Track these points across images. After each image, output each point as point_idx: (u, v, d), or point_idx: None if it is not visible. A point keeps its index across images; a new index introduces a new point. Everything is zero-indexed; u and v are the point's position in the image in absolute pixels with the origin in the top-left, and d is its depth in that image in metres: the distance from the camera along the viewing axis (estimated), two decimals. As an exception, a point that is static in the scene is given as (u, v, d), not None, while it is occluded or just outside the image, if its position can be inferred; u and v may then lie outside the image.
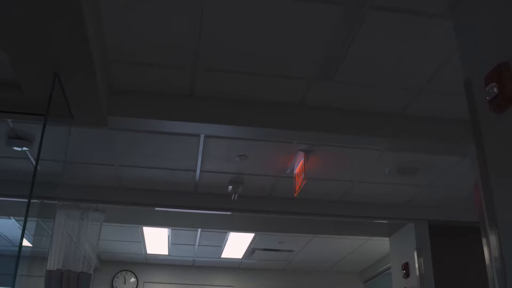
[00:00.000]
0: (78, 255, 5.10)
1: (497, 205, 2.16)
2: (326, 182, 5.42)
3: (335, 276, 9.06)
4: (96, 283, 8.35)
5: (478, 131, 2.29)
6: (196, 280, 8.80)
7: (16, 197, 5.22)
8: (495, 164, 2.18)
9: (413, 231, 6.03)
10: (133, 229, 6.94)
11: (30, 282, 5.07)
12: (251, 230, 6.84)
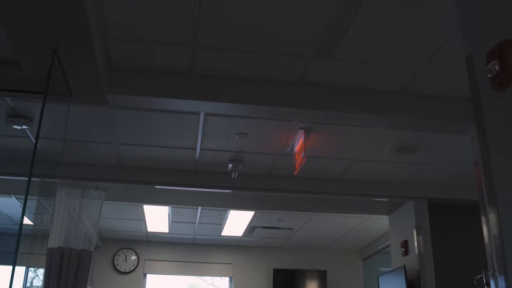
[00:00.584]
0: (79, 233, 5.12)
1: (497, 183, 2.16)
2: (326, 160, 5.43)
3: (335, 253, 9.12)
4: (98, 261, 8.42)
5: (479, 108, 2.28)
6: (196, 258, 8.86)
7: (17, 176, 5.23)
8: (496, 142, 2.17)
9: (412, 209, 6.06)
10: (134, 207, 6.97)
11: (32, 260, 5.11)
12: (251, 208, 6.87)
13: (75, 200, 5.25)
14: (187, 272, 8.92)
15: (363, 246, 8.94)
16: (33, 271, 5.14)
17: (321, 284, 8.77)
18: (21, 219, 3.04)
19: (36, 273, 5.12)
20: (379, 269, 8.25)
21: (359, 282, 9.03)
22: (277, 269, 8.76)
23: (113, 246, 8.66)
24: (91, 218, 5.32)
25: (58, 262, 4.88)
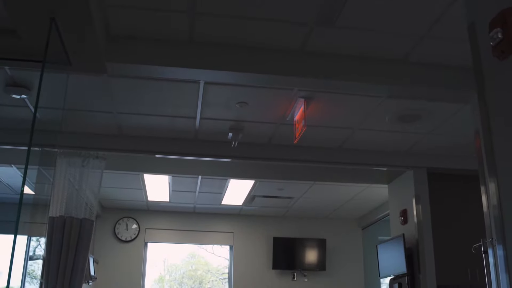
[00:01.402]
0: (80, 202, 5.14)
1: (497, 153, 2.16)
2: (326, 129, 5.42)
3: (334, 222, 9.18)
4: (99, 230, 8.48)
5: (480, 77, 2.26)
6: (197, 227, 8.93)
7: (17, 145, 5.23)
8: (497, 111, 2.16)
9: (412, 178, 6.08)
10: (134, 176, 6.99)
11: (33, 229, 5.14)
12: (251, 177, 6.89)
13: (76, 169, 5.26)
14: (188, 240, 9.00)
15: (362, 215, 9.00)
16: (35, 240, 5.18)
17: (320, 252, 8.86)
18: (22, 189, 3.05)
19: (39, 242, 5.16)
20: (378, 238, 8.32)
21: (358, 250, 9.12)
22: (277, 237, 8.83)
23: (114, 215, 8.72)
24: (92, 187, 5.33)
25: (59, 231, 4.91)
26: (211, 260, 9.40)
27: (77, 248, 4.91)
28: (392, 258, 6.14)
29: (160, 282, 9.25)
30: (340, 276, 8.95)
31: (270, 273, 8.81)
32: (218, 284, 9.34)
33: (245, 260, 8.88)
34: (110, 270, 8.44)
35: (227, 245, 9.10)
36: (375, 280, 8.43)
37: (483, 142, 2.31)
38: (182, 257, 9.46)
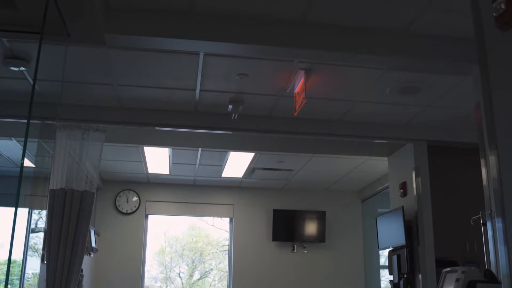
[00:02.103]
0: (81, 174, 5.15)
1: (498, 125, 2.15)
2: (327, 101, 5.40)
3: (334, 195, 9.22)
4: (100, 202, 8.53)
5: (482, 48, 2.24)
6: (197, 199, 8.97)
7: (16, 118, 5.22)
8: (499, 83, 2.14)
9: (411, 151, 6.08)
10: (134, 149, 6.99)
11: (34, 202, 5.16)
12: (251, 150, 6.89)
13: (76, 142, 5.25)
14: (188, 213, 9.05)
15: (362, 188, 9.03)
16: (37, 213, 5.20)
17: (320, 224, 8.91)
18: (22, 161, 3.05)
19: (40, 215, 5.18)
20: (377, 210, 8.36)
21: (357, 222, 9.18)
22: (277, 209, 8.88)
23: (114, 188, 8.75)
24: (92, 160, 5.34)
25: (60, 203, 4.93)
26: (211, 233, 9.47)
27: (78, 220, 4.93)
28: (391, 230, 6.18)
29: (161, 254, 9.33)
30: (339, 248, 9.03)
31: (270, 245, 8.89)
32: (218, 256, 9.43)
33: (245, 232, 8.94)
34: (111, 242, 8.52)
35: (227, 218, 9.15)
36: (374, 252, 8.51)
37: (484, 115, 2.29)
38: (183, 229, 9.53)
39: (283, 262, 8.87)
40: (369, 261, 8.91)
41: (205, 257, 9.49)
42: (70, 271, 4.78)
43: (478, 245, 5.00)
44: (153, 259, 9.15)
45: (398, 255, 5.99)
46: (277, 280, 8.75)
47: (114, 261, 8.46)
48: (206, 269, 9.48)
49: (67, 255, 4.79)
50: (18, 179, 3.08)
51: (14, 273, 4.39)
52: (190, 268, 9.50)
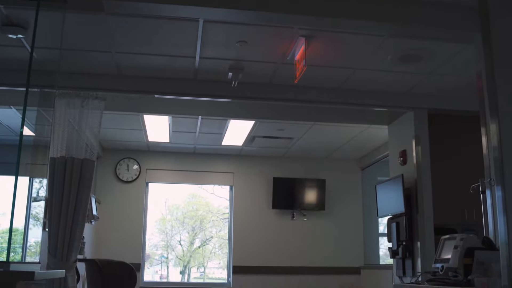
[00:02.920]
0: (80, 142, 5.15)
1: (499, 94, 2.14)
2: (327, 69, 5.37)
3: (334, 163, 9.24)
4: (100, 171, 8.55)
5: (485, 16, 2.21)
6: (197, 167, 8.99)
7: (15, 86, 5.19)
8: (501, 52, 2.13)
9: (412, 119, 6.07)
10: (134, 117, 6.98)
11: (35, 170, 5.18)
12: (251, 118, 6.87)
13: (75, 110, 5.23)
14: (188, 181, 9.09)
15: (362, 156, 9.05)
16: (38, 182, 5.22)
17: (320, 192, 8.96)
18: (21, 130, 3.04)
19: (41, 183, 5.20)
20: (377, 179, 8.39)
21: (357, 190, 9.22)
22: (277, 177, 8.91)
23: (115, 156, 8.77)
24: (92, 128, 5.33)
25: (61, 172, 4.94)
26: (211, 201, 9.52)
27: (79, 188, 4.95)
28: (390, 198, 6.21)
29: (161, 222, 9.41)
30: (339, 215, 9.09)
31: (270, 213, 8.95)
32: (219, 223, 9.50)
33: (245, 200, 8.99)
34: (112, 210, 8.57)
35: (227, 186, 9.19)
36: (373, 219, 8.57)
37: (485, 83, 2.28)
38: (183, 197, 9.57)
39: (283, 230, 8.94)
40: (368, 229, 8.99)
41: (205, 225, 9.57)
42: (72, 239, 4.82)
43: (477, 213, 5.04)
44: (154, 227, 9.22)
45: (397, 222, 6.04)
46: (277, 248, 8.84)
47: (115, 229, 8.53)
48: (206, 236, 9.56)
49: (68, 223, 4.82)
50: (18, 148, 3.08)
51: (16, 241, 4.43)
52: (191, 236, 9.58)
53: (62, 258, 4.73)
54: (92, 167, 5.06)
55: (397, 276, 6.08)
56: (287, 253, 8.84)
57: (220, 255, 9.45)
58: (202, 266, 9.71)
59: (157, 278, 9.25)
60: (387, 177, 6.72)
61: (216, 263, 9.63)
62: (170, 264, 9.48)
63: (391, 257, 6.20)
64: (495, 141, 2.13)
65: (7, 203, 3.43)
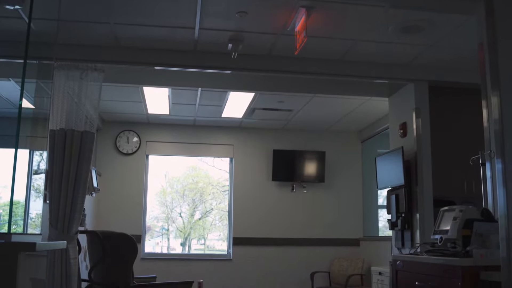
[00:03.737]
0: (80, 114, 5.13)
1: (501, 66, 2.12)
2: (328, 40, 5.33)
3: (334, 135, 9.24)
4: (100, 143, 8.56)
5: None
6: (197, 139, 9.00)
7: (13, 58, 5.16)
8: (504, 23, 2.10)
9: (412, 92, 6.05)
10: (134, 89, 6.96)
11: (35, 143, 5.18)
12: (251, 89, 6.85)
13: (74, 82, 5.20)
14: (188, 153, 9.10)
15: (362, 128, 9.04)
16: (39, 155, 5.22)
17: (319, 165, 8.98)
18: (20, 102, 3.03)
19: (42, 156, 5.20)
20: (376, 151, 8.40)
21: (357, 163, 9.24)
22: (276, 150, 8.92)
23: (114, 128, 8.77)
24: (91, 100, 5.31)
25: (60, 144, 4.94)
26: (212, 173, 9.55)
27: (79, 160, 4.95)
28: (390, 170, 6.23)
29: (162, 195, 9.45)
30: (338, 187, 9.14)
31: (270, 185, 8.99)
32: (219, 196, 9.55)
33: (245, 172, 9.02)
34: (113, 183, 8.61)
35: (227, 158, 9.21)
36: (372, 191, 8.61)
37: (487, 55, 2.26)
38: (183, 170, 9.60)
39: (283, 202, 8.99)
40: (367, 201, 9.03)
41: (205, 197, 9.61)
42: (73, 210, 4.84)
43: (476, 185, 5.06)
44: (154, 199, 9.27)
45: (397, 194, 6.07)
46: (277, 220, 8.90)
47: (116, 201, 8.58)
48: (206, 209, 9.61)
49: (69, 195, 4.84)
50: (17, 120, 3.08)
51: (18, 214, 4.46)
52: (191, 208, 9.64)
53: (63, 229, 4.76)
54: (92, 139, 5.05)
55: (395, 248, 6.13)
56: (287, 225, 8.90)
57: (220, 227, 9.52)
58: (202, 238, 9.79)
59: (158, 250, 9.33)
60: (387, 149, 6.73)
61: (216, 235, 9.70)
62: (170, 236, 9.56)
63: (390, 229, 6.24)
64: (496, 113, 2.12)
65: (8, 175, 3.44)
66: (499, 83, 2.12)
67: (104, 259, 5.71)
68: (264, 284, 8.67)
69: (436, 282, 3.68)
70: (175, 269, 8.46)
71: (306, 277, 8.55)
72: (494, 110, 2.12)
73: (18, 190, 4.29)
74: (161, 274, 7.72)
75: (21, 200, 4.49)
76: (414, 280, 3.96)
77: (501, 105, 2.09)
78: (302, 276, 8.65)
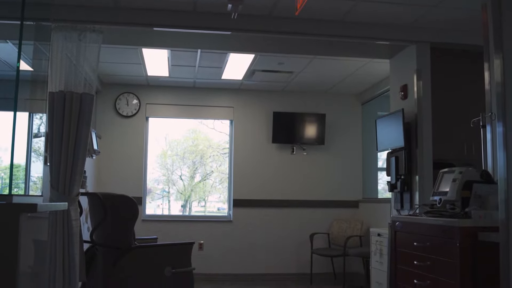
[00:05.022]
0: (79, 77, 5.09)
1: (505, 27, 2.09)
2: (329, 0, 5.25)
3: (334, 97, 9.21)
4: (100, 105, 8.54)
5: None
6: (197, 101, 8.97)
7: (10, 20, 5.09)
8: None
9: (414, 53, 5.99)
10: (133, 51, 6.90)
11: (34, 105, 5.15)
12: (251, 51, 6.79)
13: (72, 44, 5.15)
14: (189, 115, 9.09)
15: (362, 91, 9.00)
16: (39, 118, 5.20)
17: (319, 127, 8.97)
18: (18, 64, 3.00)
19: (42, 120, 5.18)
20: (377, 113, 8.39)
21: (357, 125, 9.24)
22: (277, 112, 8.91)
23: (114, 91, 8.73)
24: (90, 62, 5.26)
25: (60, 106, 4.92)
26: (212, 136, 9.56)
27: (79, 122, 4.94)
28: (390, 133, 6.23)
29: (162, 157, 9.48)
30: (338, 150, 9.16)
31: (269, 147, 9.01)
32: (219, 158, 9.58)
33: (245, 134, 9.03)
34: (113, 145, 8.63)
35: (227, 120, 9.19)
36: (372, 153, 8.63)
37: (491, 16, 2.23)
38: (183, 133, 9.60)
39: (283, 164, 9.02)
40: (367, 163, 9.06)
41: (205, 160, 9.64)
42: (73, 172, 4.85)
43: (476, 148, 5.07)
44: (154, 162, 9.30)
45: (396, 157, 6.08)
46: (276, 182, 8.95)
47: (116, 163, 8.61)
48: (207, 171, 9.66)
49: (69, 157, 4.85)
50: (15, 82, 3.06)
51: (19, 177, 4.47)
52: (191, 171, 9.68)
53: (64, 191, 4.78)
54: (91, 101, 5.03)
55: (394, 210, 6.18)
56: (287, 187, 8.96)
57: (221, 189, 9.58)
58: (202, 200, 9.86)
59: (159, 212, 9.42)
60: (387, 112, 6.71)
61: (217, 197, 9.78)
62: (171, 198, 9.63)
63: (389, 190, 6.28)
64: (498, 76, 2.10)
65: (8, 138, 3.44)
66: (502, 45, 2.09)
67: (105, 221, 5.76)
68: (264, 245, 8.78)
69: (434, 243, 3.72)
70: (176, 230, 8.55)
71: (306, 238, 8.65)
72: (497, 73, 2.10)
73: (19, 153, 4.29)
74: (162, 236, 7.81)
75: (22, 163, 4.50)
76: (412, 241, 4.01)
77: (503, 68, 2.07)
78: (302, 237, 8.75)
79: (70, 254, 4.68)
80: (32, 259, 3.34)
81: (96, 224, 5.95)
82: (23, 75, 3.56)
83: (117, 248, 5.83)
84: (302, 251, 8.77)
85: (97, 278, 5.90)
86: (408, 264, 4.06)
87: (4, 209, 2.91)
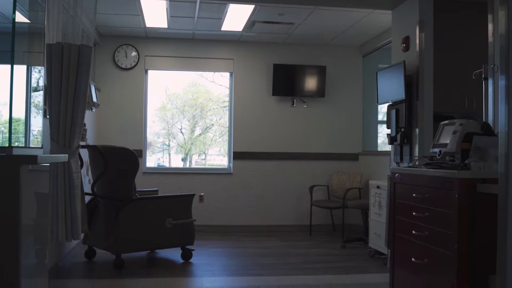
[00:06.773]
0: (76, 28, 5.01)
1: (511, -24, 2.04)
2: (330, -49, 5.14)
3: (335, 49, 9.12)
4: (98, 58, 8.46)
5: None
6: (196, 53, 8.88)
7: (5, -32, 4.98)
8: None
9: (417, 4, 5.89)
10: (130, 1, 6.78)
11: (32, 58, 5.09)
12: (251, 1, 6.68)
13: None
14: (188, 68, 9.01)
15: (363, 43, 8.90)
16: (38, 72, 5.15)
17: (320, 79, 8.92)
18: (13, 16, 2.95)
19: (40, 73, 5.13)
20: (378, 66, 8.32)
21: (357, 77, 9.18)
22: (277, 64, 8.83)
23: (112, 43, 8.63)
24: (87, 13, 5.17)
25: (58, 58, 4.86)
26: (212, 89, 9.50)
27: (78, 74, 4.89)
28: (391, 85, 6.19)
29: (162, 111, 9.45)
30: (338, 102, 9.13)
31: (270, 99, 8.97)
32: (219, 111, 9.55)
33: (245, 86, 8.98)
34: (112, 98, 8.59)
35: (227, 72, 9.13)
36: (373, 106, 8.61)
37: (497, -34, 2.18)
38: (183, 86, 9.54)
39: (283, 116, 9.01)
40: (367, 116, 9.05)
41: (205, 113, 9.62)
42: (73, 125, 4.84)
43: (477, 101, 5.05)
44: (154, 115, 9.28)
45: (397, 109, 6.06)
46: (276, 134, 8.96)
47: (116, 116, 8.60)
48: (207, 124, 9.65)
49: (68, 109, 4.82)
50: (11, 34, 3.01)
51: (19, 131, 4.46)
52: (191, 124, 9.67)
53: (64, 144, 4.78)
54: (89, 53, 4.97)
55: (394, 162, 6.20)
56: (287, 139, 8.98)
57: (221, 143, 9.60)
58: (203, 153, 9.90)
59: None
60: (389, 64, 6.65)
61: (217, 150, 9.81)
62: (171, 152, 9.66)
63: (389, 143, 6.29)
64: (502, 28, 2.06)
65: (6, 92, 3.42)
66: (507, -4, 2.05)
67: (106, 173, 5.79)
68: (264, 197, 8.87)
69: (433, 194, 3.75)
70: (177, 182, 8.61)
71: (305, 190, 8.73)
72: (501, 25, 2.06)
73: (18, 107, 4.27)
74: (162, 188, 7.87)
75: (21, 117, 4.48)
76: (411, 192, 4.04)
77: (508, 20, 2.03)
78: (301, 189, 8.83)
79: (72, 206, 4.72)
80: (34, 212, 3.36)
81: (96, 177, 5.99)
82: (20, 27, 3.49)
83: (118, 200, 5.88)
84: (301, 203, 8.86)
85: (98, 230, 5.98)
86: (407, 215, 4.10)
87: (4, 161, 2.90)
